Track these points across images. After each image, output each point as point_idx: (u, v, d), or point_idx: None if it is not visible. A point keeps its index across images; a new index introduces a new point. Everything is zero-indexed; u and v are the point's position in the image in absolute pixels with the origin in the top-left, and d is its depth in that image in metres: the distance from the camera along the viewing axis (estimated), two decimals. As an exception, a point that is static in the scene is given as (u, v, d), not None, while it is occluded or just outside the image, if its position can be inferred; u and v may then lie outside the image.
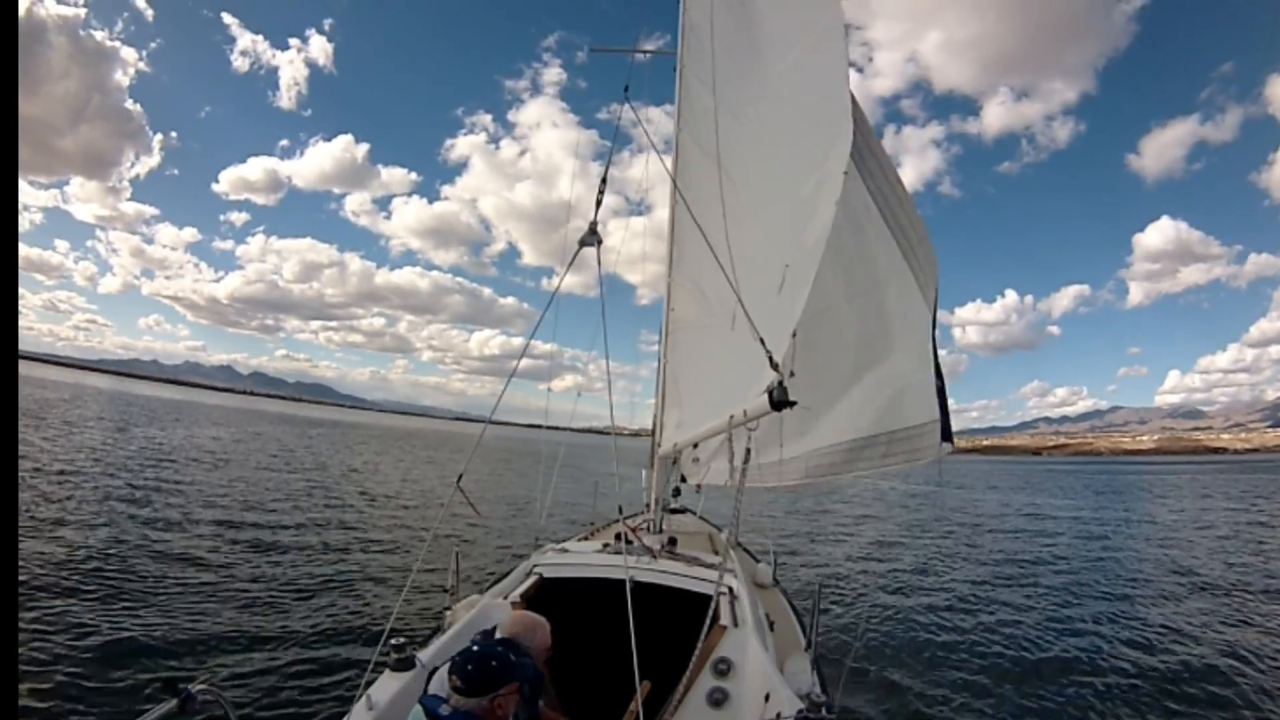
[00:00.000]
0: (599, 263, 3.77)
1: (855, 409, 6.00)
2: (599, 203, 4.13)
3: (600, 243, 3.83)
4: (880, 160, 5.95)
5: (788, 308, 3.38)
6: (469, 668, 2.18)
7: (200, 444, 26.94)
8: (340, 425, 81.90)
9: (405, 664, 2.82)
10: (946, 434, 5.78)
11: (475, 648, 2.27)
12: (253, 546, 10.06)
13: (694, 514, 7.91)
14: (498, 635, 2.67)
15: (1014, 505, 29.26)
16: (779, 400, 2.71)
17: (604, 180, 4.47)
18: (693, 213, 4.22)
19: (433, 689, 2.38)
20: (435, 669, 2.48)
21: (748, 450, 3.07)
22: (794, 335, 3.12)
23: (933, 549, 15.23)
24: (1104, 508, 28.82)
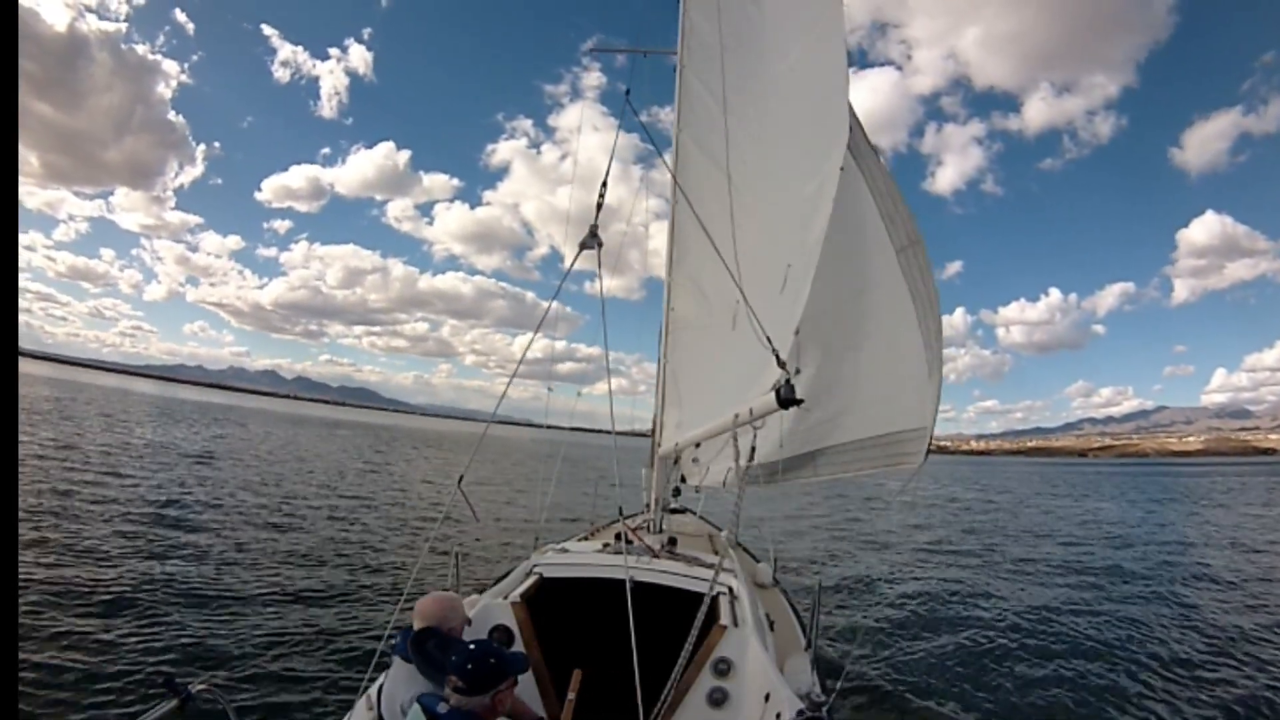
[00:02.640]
0: (599, 265, 3.79)
1: (846, 411, 6.01)
2: (599, 206, 4.15)
3: (601, 245, 3.85)
4: (873, 158, 5.94)
5: (790, 306, 3.39)
6: (469, 667, 2.19)
7: (211, 445, 26.92)
8: (373, 428, 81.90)
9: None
10: (926, 450, 5.63)
11: (472, 647, 2.29)
12: (254, 545, 10.05)
13: (694, 514, 7.91)
14: (416, 627, 2.68)
15: (1033, 507, 29.20)
16: (786, 398, 2.71)
17: (604, 184, 4.48)
18: (695, 212, 4.23)
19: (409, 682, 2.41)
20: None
21: (752, 449, 3.08)
22: (796, 333, 3.13)
23: (937, 549, 15.22)
24: (1135, 509, 28.73)
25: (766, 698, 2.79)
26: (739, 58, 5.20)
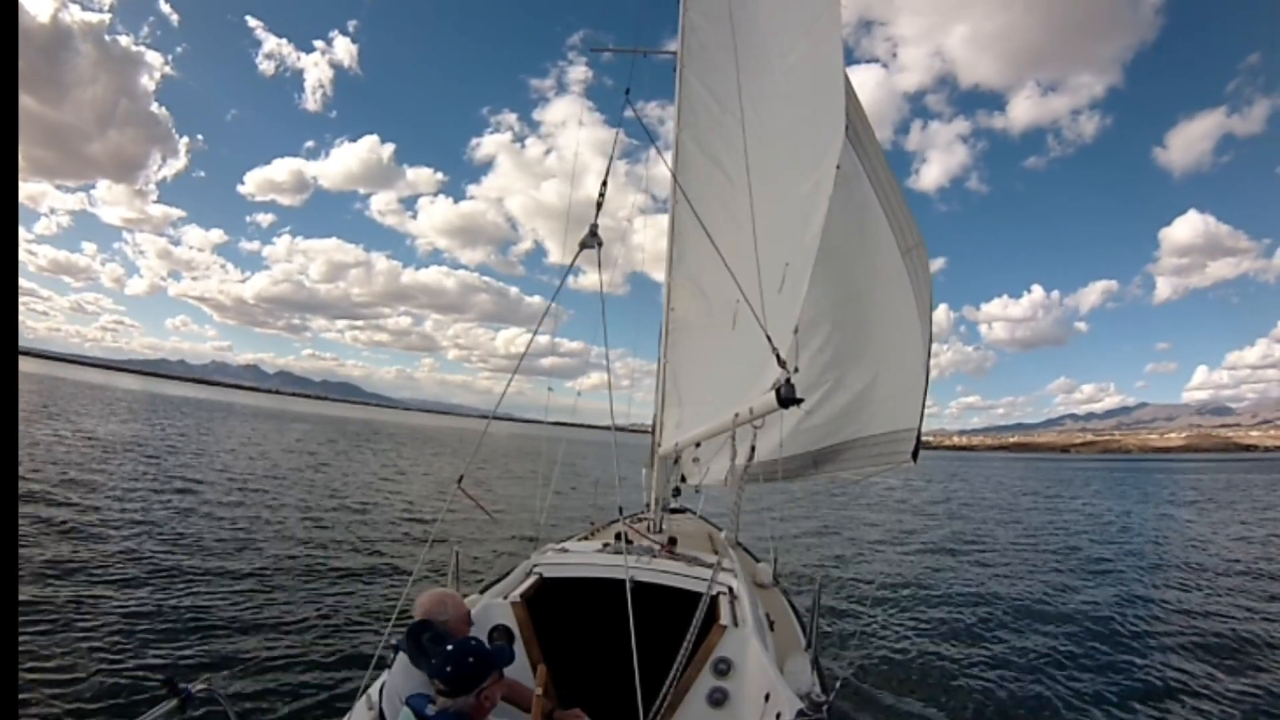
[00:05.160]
0: (599, 264, 3.78)
1: (847, 411, 6.04)
2: (599, 205, 4.15)
3: (601, 244, 3.84)
4: (881, 161, 5.98)
5: (788, 306, 3.39)
6: (448, 669, 2.17)
7: (202, 444, 26.90)
8: (355, 423, 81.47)
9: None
10: (915, 450, 5.74)
11: (450, 648, 2.26)
12: (253, 546, 10.04)
13: (694, 514, 7.91)
14: (417, 618, 2.73)
15: (1030, 504, 29.19)
16: (786, 397, 2.71)
17: (604, 183, 4.47)
18: (695, 211, 4.24)
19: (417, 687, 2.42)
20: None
21: (751, 449, 3.08)
22: (795, 332, 3.13)
23: (935, 548, 15.22)
24: (1128, 505, 28.75)
25: (766, 698, 2.79)
26: (739, 58, 5.21)
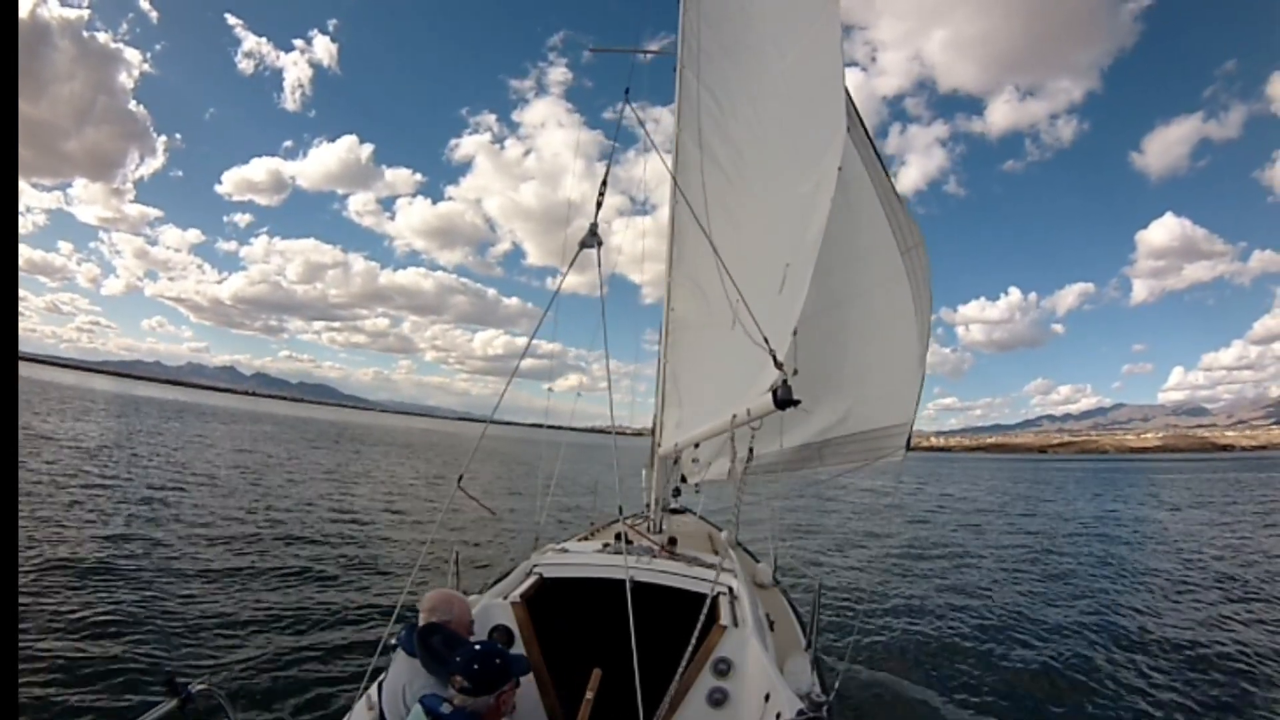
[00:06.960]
0: (599, 264, 3.77)
1: (842, 406, 6.07)
2: (599, 205, 4.14)
3: (600, 244, 3.83)
4: (881, 162, 5.99)
5: (788, 306, 3.39)
6: (475, 668, 2.19)
7: (198, 444, 26.90)
8: (315, 423, 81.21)
9: None
10: (907, 441, 5.86)
11: (478, 647, 2.29)
12: (253, 546, 10.05)
13: (694, 514, 7.91)
14: (421, 623, 2.69)
15: (1018, 505, 29.24)
16: (783, 399, 2.72)
17: (604, 182, 4.46)
18: (694, 212, 4.23)
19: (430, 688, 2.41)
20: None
21: (750, 450, 3.07)
22: (794, 334, 3.13)
23: (934, 549, 15.22)
24: (1112, 505, 28.84)
25: (766, 698, 2.79)
26: (737, 58, 5.21)
